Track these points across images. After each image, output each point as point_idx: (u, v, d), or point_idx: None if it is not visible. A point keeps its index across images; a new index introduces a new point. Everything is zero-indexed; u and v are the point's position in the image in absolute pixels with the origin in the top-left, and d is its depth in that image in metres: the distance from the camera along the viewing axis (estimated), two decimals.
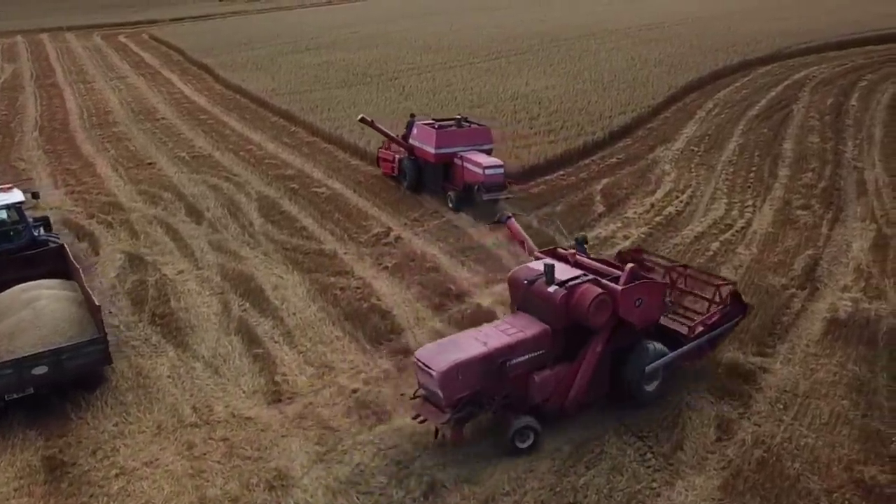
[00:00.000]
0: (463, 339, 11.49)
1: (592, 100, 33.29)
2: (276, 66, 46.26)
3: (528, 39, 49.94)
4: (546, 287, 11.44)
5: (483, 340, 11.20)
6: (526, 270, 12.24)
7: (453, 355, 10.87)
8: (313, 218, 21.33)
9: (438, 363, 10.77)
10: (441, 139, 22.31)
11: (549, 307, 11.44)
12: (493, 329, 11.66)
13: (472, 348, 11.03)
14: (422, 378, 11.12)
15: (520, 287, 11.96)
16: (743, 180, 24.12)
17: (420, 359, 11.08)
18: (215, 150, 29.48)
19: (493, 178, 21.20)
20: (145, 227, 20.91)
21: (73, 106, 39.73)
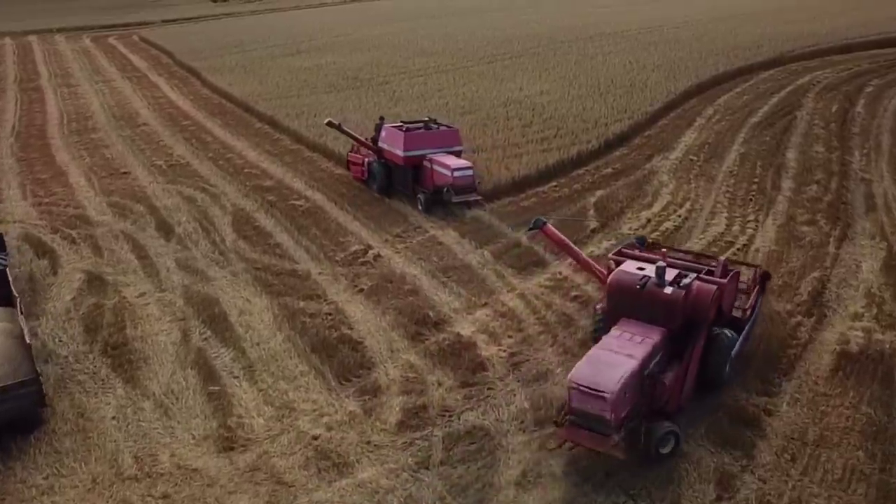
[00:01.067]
0: (605, 355, 10.80)
1: (588, 106, 32.11)
2: (265, 69, 45.10)
3: (523, 42, 48.78)
4: (661, 289, 11.40)
5: (626, 353, 10.77)
6: (629, 275, 11.89)
7: (616, 373, 10.29)
8: (289, 233, 20.12)
9: (607, 384, 10.11)
10: (409, 142, 22.14)
11: (665, 308, 11.41)
12: (620, 340, 11.13)
13: (625, 363, 10.55)
14: (582, 403, 10.24)
15: (629, 292, 11.62)
16: (744, 193, 22.91)
17: (581, 382, 10.24)
18: (194, 159, 28.29)
19: (463, 181, 21.11)
20: (110, 244, 19.70)
21: (53, 111, 38.59)
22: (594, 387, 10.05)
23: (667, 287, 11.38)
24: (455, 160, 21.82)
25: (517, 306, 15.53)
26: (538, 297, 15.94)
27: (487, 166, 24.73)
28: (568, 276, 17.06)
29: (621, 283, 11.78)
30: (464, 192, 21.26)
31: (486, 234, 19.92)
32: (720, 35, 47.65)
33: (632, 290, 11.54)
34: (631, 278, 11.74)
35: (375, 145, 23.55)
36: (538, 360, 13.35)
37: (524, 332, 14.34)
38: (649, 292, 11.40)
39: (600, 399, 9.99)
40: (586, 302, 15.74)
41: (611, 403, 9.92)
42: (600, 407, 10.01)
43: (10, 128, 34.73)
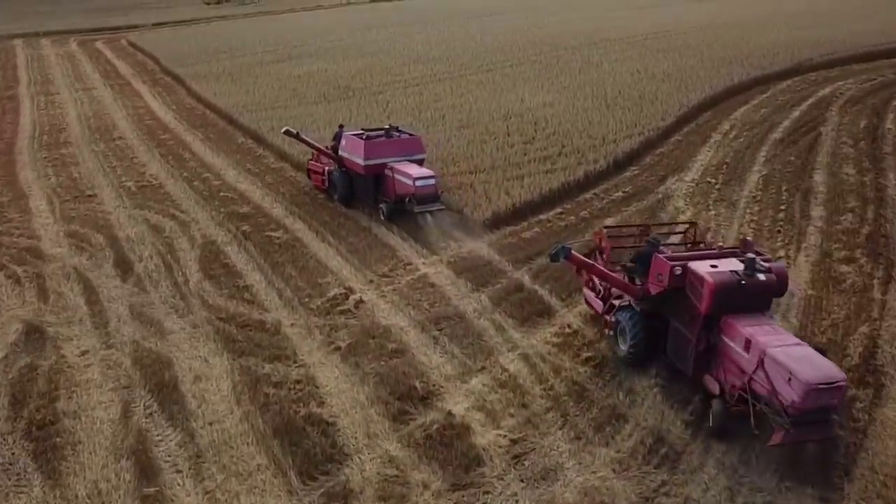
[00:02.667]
0: (795, 351, 11.02)
1: (594, 120, 29.85)
2: (253, 77, 42.86)
3: (525, 49, 46.53)
4: (758, 279, 11.80)
5: (795, 342, 11.35)
6: (725, 275, 11.85)
7: (824, 361, 10.95)
8: (261, 272, 17.86)
9: (837, 373, 10.71)
10: (370, 150, 21.50)
11: (765, 295, 12.08)
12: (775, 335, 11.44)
13: (809, 350, 11.20)
14: (818, 400, 10.38)
15: (732, 288, 11.71)
16: (771, 222, 20.67)
17: (818, 381, 10.32)
18: (168, 178, 26.04)
19: (425, 190, 20.47)
20: (60, 284, 17.44)
21: (26, 122, 36.36)
22: (831, 380, 10.42)
23: (760, 275, 11.89)
24: (417, 169, 21.06)
25: (520, 372, 13.27)
26: (544, 359, 13.68)
27: (486, 190, 22.49)
28: (578, 330, 14.80)
29: (724, 282, 11.76)
30: (426, 201, 20.47)
31: (483, 273, 17.67)
32: (732, 42, 45.37)
33: (736, 287, 11.74)
34: (730, 277, 11.83)
35: (336, 154, 22.76)
36: (545, 449, 11.07)
37: (528, 409, 12.07)
38: (752, 284, 11.80)
39: (839, 389, 10.53)
40: (601, 365, 13.50)
41: (846, 385, 10.81)
42: (839, 395, 10.63)
43: None
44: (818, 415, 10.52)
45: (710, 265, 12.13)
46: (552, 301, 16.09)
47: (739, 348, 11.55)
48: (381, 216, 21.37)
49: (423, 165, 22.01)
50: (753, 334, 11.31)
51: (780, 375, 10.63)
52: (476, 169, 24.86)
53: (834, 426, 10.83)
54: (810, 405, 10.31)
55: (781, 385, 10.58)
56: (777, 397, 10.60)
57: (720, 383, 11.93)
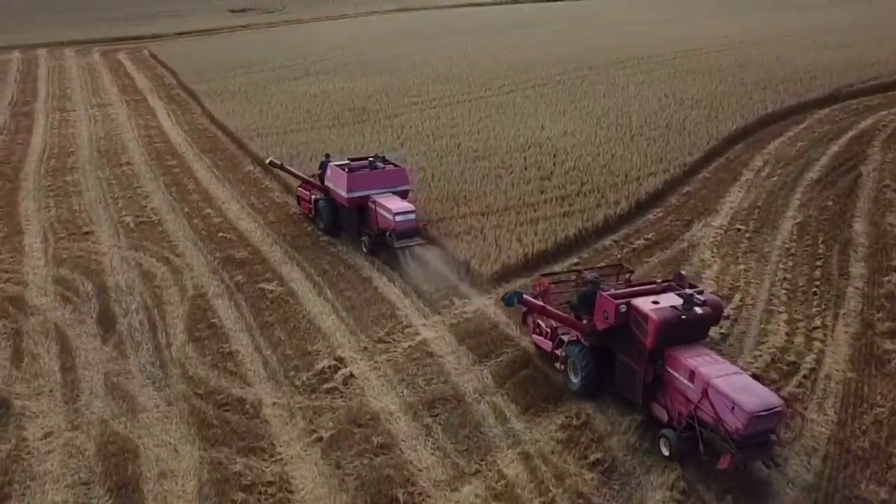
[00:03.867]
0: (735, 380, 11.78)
1: (617, 153, 28.24)
2: (268, 95, 41.88)
3: (549, 68, 44.88)
4: (696, 313, 12.56)
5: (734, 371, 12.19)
6: (667, 310, 12.54)
7: (761, 388, 11.86)
8: (249, 335, 16.66)
9: (775, 399, 11.58)
10: (353, 182, 21.23)
11: (703, 326, 12.98)
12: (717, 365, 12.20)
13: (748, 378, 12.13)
14: (760, 425, 11.30)
15: (674, 323, 12.43)
16: (806, 281, 18.96)
17: (759, 409, 11.19)
18: (168, 214, 25.03)
19: (405, 225, 20.25)
20: (36, 345, 16.42)
21: (37, 143, 35.72)
22: (770, 407, 11.32)
23: (697, 309, 12.64)
24: (399, 203, 20.74)
25: (519, 477, 11.84)
26: (547, 460, 12.23)
27: (496, 237, 21.07)
28: (587, 422, 13.34)
29: (667, 318, 12.44)
30: (406, 236, 20.27)
31: (488, 340, 16.28)
32: (766, 62, 43.29)
33: (678, 321, 12.47)
34: (672, 312, 12.54)
35: (322, 183, 22.69)
36: None
37: None
38: (691, 318, 12.57)
39: (777, 414, 11.48)
40: (609, 470, 12.03)
41: (783, 410, 11.67)
42: (777, 420, 11.62)
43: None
44: (760, 438, 11.51)
45: (652, 301, 12.92)
46: (560, 382, 14.64)
47: (684, 379, 12.38)
48: (363, 248, 21.16)
49: (407, 197, 21.74)
50: (697, 366, 12.18)
51: (724, 404, 11.54)
52: (488, 210, 23.45)
53: (773, 447, 11.85)
54: (753, 431, 11.29)
55: (726, 413, 11.51)
56: (722, 424, 11.57)
57: (668, 412, 12.81)
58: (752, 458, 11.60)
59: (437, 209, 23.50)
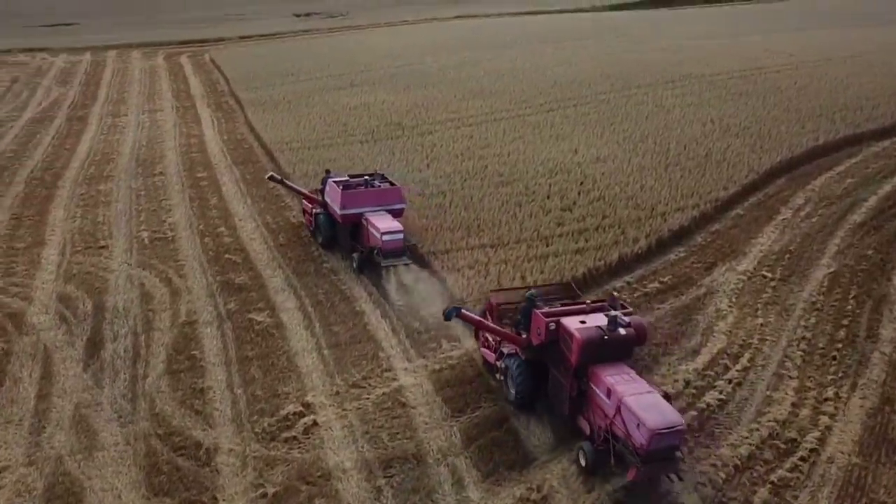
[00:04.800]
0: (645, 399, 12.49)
1: (647, 184, 26.92)
2: (308, 106, 42.02)
3: (595, 85, 43.47)
4: (620, 333, 13.37)
5: (647, 390, 12.83)
6: (591, 330, 13.37)
7: (667, 407, 12.46)
8: (226, 369, 16.40)
9: (677, 418, 12.29)
10: (346, 200, 21.68)
11: (626, 346, 13.69)
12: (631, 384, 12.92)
13: (658, 398, 12.70)
14: (662, 442, 12.02)
15: (597, 342, 13.25)
16: (828, 341, 17.43)
17: (661, 427, 11.93)
18: (184, 230, 25.18)
19: (391, 245, 20.54)
20: (21, 368, 16.58)
21: (83, 149, 36.73)
22: (672, 425, 12.06)
23: (621, 329, 13.43)
24: (388, 223, 21.04)
25: None
26: None
27: (499, 274, 20.29)
28: (548, 495, 12.46)
29: (590, 338, 13.31)
30: (392, 255, 20.59)
31: (466, 393, 15.54)
32: (827, 86, 40.74)
33: (600, 341, 13.31)
34: (595, 332, 13.38)
35: (322, 198, 23.08)
36: None
37: None
38: (613, 338, 13.36)
39: (679, 432, 12.23)
40: None
41: (684, 429, 12.43)
42: (679, 437, 12.31)
43: (29, 171, 32.98)
44: (664, 453, 12.26)
45: (580, 321, 13.76)
46: (530, 446, 13.80)
47: (603, 395, 13.19)
48: (353, 265, 21.48)
49: (402, 216, 22.17)
50: (614, 384, 12.99)
51: (632, 421, 12.36)
52: (499, 242, 22.66)
53: (678, 462, 12.51)
54: (655, 447, 12.10)
55: (633, 429, 12.34)
56: (630, 439, 12.41)
57: (590, 425, 13.63)
58: (656, 472, 12.54)
59: (447, 239, 22.87)
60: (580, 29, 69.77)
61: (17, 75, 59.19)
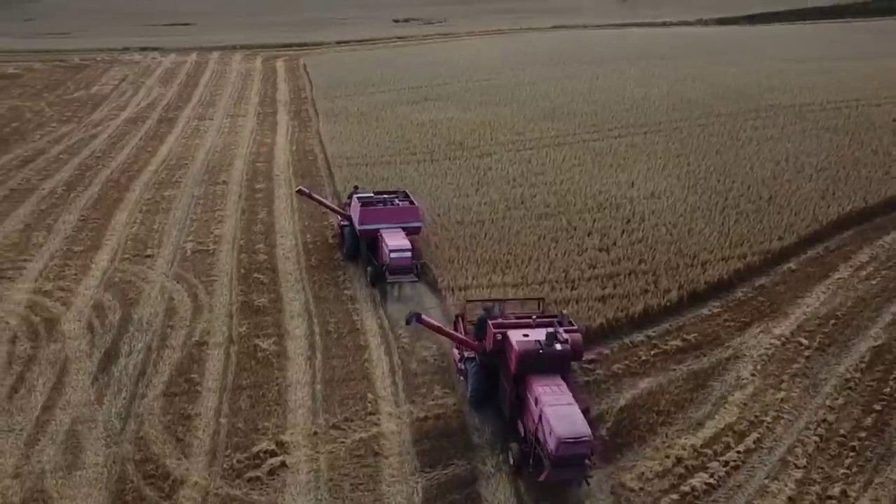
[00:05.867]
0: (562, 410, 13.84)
1: (696, 227, 25.52)
2: (379, 120, 42.63)
3: (672, 111, 41.65)
4: (555, 348, 14.84)
5: (567, 402, 14.11)
6: (529, 343, 14.93)
7: (580, 419, 13.71)
8: (218, 397, 16.83)
9: (585, 430, 13.52)
10: (364, 216, 23.00)
11: (563, 360, 15.07)
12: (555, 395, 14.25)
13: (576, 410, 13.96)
14: (570, 450, 13.30)
15: (533, 355, 14.80)
16: (852, 427, 15.94)
17: (568, 436, 13.26)
18: (226, 244, 26.10)
19: (399, 262, 21.55)
20: (38, 376, 17.66)
21: (162, 153, 38.80)
22: (578, 436, 13.36)
23: (557, 345, 14.90)
24: (398, 240, 22.12)
25: None
26: None
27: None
28: None
29: (527, 350, 14.87)
30: (399, 272, 21.65)
31: (444, 447, 15.33)
32: None
33: (536, 353, 14.80)
34: (533, 346, 14.92)
35: (347, 213, 24.51)
36: None
37: None
38: (548, 352, 14.83)
39: (586, 443, 13.46)
40: None
41: (590, 441, 13.56)
42: (585, 447, 13.47)
43: (109, 173, 35.21)
44: (574, 460, 13.51)
45: (523, 334, 15.29)
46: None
47: (533, 403, 14.48)
48: (367, 278, 22.56)
49: (419, 234, 23.60)
50: (541, 394, 14.35)
51: (547, 428, 13.66)
52: (522, 282, 22.12)
53: (586, 469, 13.73)
54: (563, 453, 13.40)
55: (547, 436, 13.67)
56: (544, 445, 13.73)
57: (525, 428, 14.92)
58: (564, 476, 13.80)
59: (470, 273, 22.56)
60: (674, 46, 67.00)
61: (126, 74, 63.43)
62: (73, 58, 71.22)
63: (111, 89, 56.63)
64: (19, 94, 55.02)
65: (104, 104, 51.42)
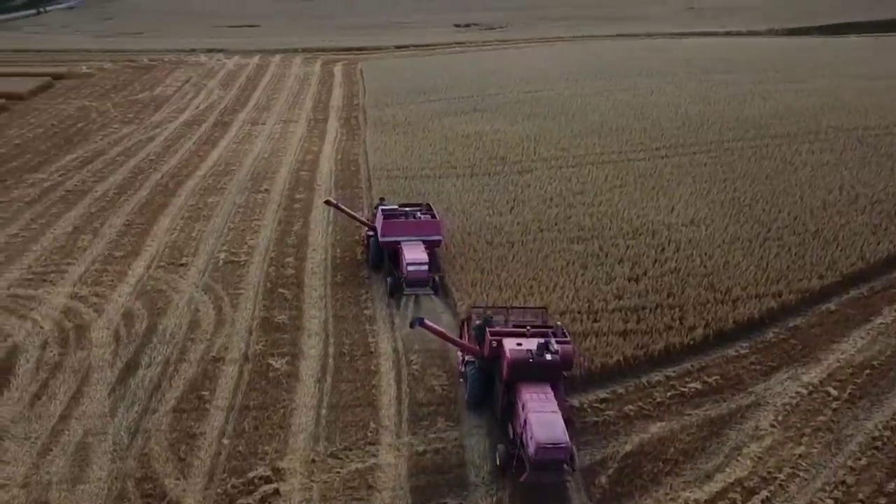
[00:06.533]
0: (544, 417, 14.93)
1: (734, 260, 24.56)
2: (425, 131, 42.64)
3: (725, 130, 40.17)
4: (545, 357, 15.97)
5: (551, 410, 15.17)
6: (521, 352, 16.07)
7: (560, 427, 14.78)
8: (224, 416, 17.14)
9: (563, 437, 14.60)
10: (386, 228, 23.85)
11: (553, 369, 16.12)
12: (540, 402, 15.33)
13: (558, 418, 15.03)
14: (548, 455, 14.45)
15: (524, 363, 15.96)
16: (871, 494, 15.06)
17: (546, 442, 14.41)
18: (257, 256, 26.54)
19: (415, 275, 22.27)
20: (60, 385, 18.32)
21: (212, 158, 39.81)
22: (556, 442, 14.45)
23: (548, 355, 15.99)
24: (417, 254, 22.84)
25: None
26: None
27: None
28: None
29: (518, 359, 16.02)
30: (416, 285, 22.32)
31: (442, 482, 15.25)
32: None
33: (527, 362, 15.97)
34: (524, 354, 16.05)
35: (373, 224, 25.20)
36: None
37: None
38: (538, 361, 15.94)
39: (563, 449, 14.54)
40: None
41: (567, 448, 14.59)
42: (562, 453, 14.56)
43: (159, 177, 36.33)
44: (552, 465, 14.67)
45: (517, 343, 16.39)
46: None
47: (520, 408, 15.51)
48: (385, 288, 23.27)
49: (438, 247, 24.32)
50: (527, 400, 15.46)
51: (529, 433, 14.76)
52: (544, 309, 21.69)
53: (564, 473, 14.93)
54: (541, 458, 14.51)
55: (529, 440, 14.76)
56: (526, 449, 14.82)
57: (514, 430, 15.87)
58: (542, 478, 14.88)
59: (491, 299, 22.20)
60: (739, 59, 64.46)
61: (190, 75, 65.42)
62: (143, 58, 73.97)
63: (174, 91, 58.52)
64: (89, 93, 57.52)
65: (165, 106, 53.20)
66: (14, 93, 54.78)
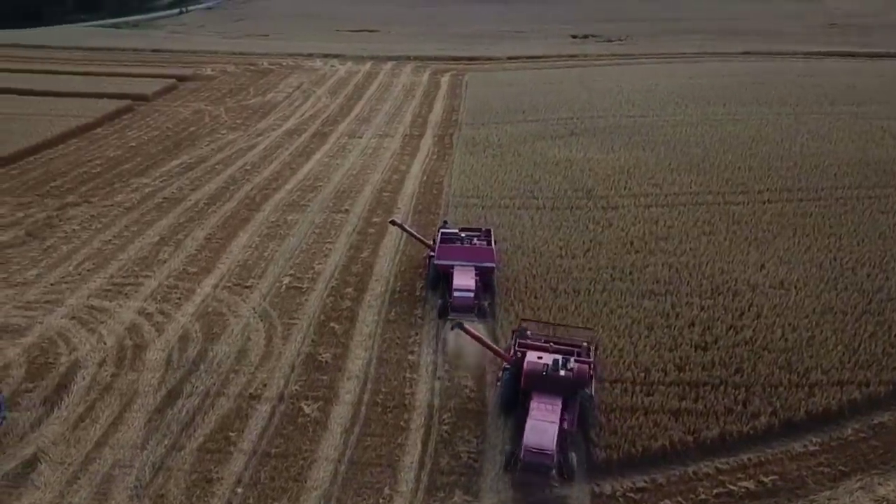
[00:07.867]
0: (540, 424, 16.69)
1: (821, 335, 22.17)
2: (515, 155, 41.64)
3: (842, 175, 36.27)
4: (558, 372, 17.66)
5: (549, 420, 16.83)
6: (537, 364, 17.88)
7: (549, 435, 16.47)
8: (245, 461, 17.20)
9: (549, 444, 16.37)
10: (442, 252, 25.14)
11: (567, 384, 17.59)
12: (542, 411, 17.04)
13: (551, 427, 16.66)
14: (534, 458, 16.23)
15: (538, 375, 17.73)
16: None
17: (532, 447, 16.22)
18: (319, 283, 26.73)
19: (461, 301, 23.27)
20: (104, 408, 19.11)
21: (303, 172, 40.67)
22: (541, 448, 16.22)
23: (561, 371, 17.68)
24: (465, 280, 23.77)
25: None
26: None
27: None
28: None
29: (533, 370, 17.84)
30: (461, 311, 23.04)
31: None
32: None
33: (540, 375, 17.71)
34: (540, 367, 17.80)
35: (434, 245, 26.14)
36: None
37: None
38: (551, 376, 17.64)
39: (548, 455, 16.25)
40: None
41: (551, 455, 16.26)
42: (547, 459, 16.28)
43: (249, 189, 37.54)
44: (539, 469, 16.33)
45: (538, 356, 18.25)
46: None
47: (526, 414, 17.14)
48: (436, 308, 24.19)
49: (491, 274, 24.81)
50: (534, 408, 17.15)
51: (522, 437, 16.54)
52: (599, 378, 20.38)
53: (549, 476, 16.48)
54: (527, 460, 16.28)
55: (520, 443, 16.48)
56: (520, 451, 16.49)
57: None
58: (528, 480, 16.45)
59: None
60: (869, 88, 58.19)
61: (302, 81, 67.63)
62: (263, 62, 77.29)
63: (284, 97, 60.59)
64: (206, 97, 60.66)
65: (273, 113, 55.16)
66: (140, 94, 58.71)
